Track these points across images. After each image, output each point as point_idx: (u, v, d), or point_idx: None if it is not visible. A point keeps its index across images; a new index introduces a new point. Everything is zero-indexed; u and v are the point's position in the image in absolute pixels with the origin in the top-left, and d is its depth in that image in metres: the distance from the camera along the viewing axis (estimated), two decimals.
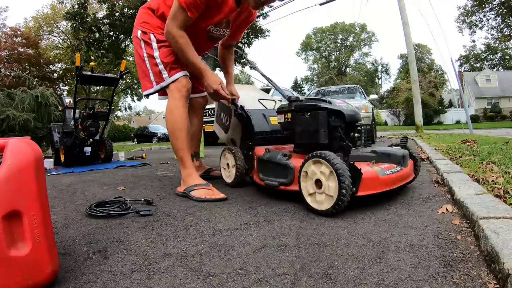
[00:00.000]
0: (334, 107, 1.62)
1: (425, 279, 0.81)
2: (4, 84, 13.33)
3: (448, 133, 8.51)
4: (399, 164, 1.59)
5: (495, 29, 30.03)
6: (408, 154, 1.74)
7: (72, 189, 2.22)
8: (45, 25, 24.43)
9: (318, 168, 1.38)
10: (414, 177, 1.76)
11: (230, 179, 2.05)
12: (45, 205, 0.85)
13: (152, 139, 19.75)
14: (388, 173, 1.45)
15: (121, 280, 0.88)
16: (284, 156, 1.65)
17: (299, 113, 1.73)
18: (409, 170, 1.65)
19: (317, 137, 1.60)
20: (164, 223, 1.36)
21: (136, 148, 7.85)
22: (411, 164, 1.72)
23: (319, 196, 1.37)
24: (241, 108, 2.06)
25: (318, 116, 1.60)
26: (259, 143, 1.98)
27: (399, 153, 1.63)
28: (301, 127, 1.70)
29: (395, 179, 1.47)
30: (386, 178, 1.42)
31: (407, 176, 1.61)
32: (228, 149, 2.06)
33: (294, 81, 47.68)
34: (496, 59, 35.78)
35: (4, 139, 0.83)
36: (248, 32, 13.69)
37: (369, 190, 1.36)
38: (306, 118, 1.67)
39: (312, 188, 1.41)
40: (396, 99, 29.94)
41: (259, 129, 2.04)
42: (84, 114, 3.58)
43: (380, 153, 1.65)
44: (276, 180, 1.63)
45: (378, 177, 1.40)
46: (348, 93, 7.32)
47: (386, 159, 1.62)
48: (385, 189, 1.42)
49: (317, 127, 1.59)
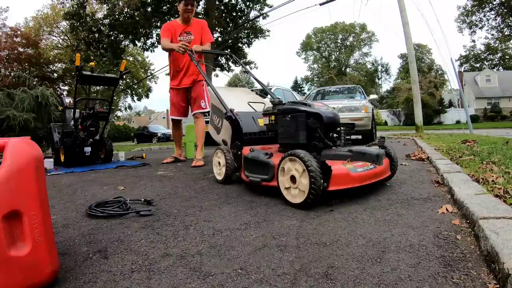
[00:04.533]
0: (312, 110, 1.77)
1: (425, 279, 0.81)
2: (4, 84, 13.31)
3: (448, 133, 8.50)
4: (373, 162, 1.68)
5: (495, 29, 30.09)
6: (384, 153, 1.83)
7: (72, 189, 2.22)
8: (45, 25, 24.43)
9: (293, 165, 1.51)
10: (390, 174, 1.85)
11: (221, 176, 2.19)
12: (45, 205, 0.85)
13: (152, 139, 19.74)
14: (360, 171, 1.56)
15: (121, 280, 0.88)
16: (266, 155, 1.80)
17: (281, 116, 1.89)
18: (384, 168, 1.75)
19: (296, 137, 1.77)
20: (164, 223, 1.36)
21: (136, 148, 7.85)
22: (386, 162, 1.82)
23: (293, 191, 1.51)
24: (230, 111, 2.23)
25: (297, 118, 1.77)
26: (247, 143, 2.12)
27: (374, 152, 1.73)
28: (282, 128, 1.88)
29: (367, 176, 1.58)
30: (357, 175, 1.53)
31: (381, 173, 1.70)
32: (219, 149, 2.24)
33: (294, 81, 47.67)
34: (496, 59, 35.75)
35: (4, 139, 0.83)
36: (248, 32, 13.70)
37: (340, 185, 1.48)
38: (287, 120, 1.84)
39: (288, 183, 1.55)
40: (396, 99, 29.94)
41: (248, 130, 2.19)
42: (84, 114, 3.58)
43: (355, 152, 1.75)
44: (259, 176, 1.78)
45: (349, 174, 1.51)
46: (348, 93, 7.31)
47: (361, 157, 1.72)
48: (357, 184, 1.52)
49: (297, 128, 1.76)
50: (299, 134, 1.75)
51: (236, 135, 2.19)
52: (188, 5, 3.26)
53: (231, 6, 13.09)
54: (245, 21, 13.13)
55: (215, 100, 2.54)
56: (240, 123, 2.16)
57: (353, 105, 5.51)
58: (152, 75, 27.88)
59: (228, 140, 2.36)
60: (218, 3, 12.41)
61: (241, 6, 13.33)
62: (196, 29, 3.35)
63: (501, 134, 6.82)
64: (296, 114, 1.78)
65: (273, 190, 1.67)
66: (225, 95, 2.42)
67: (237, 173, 2.13)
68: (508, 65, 34.11)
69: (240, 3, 13.25)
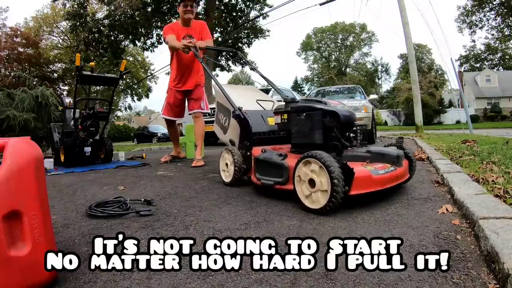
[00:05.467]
0: (329, 108, 1.65)
1: (425, 279, 0.81)
2: (4, 84, 13.31)
3: (448, 133, 8.50)
4: (394, 164, 1.60)
5: (495, 29, 30.06)
6: (403, 154, 1.75)
7: (72, 189, 2.22)
8: (45, 25, 24.42)
9: (308, 169, 1.41)
10: (409, 177, 1.77)
11: (229, 178, 2.08)
12: (45, 205, 0.85)
13: (152, 139, 19.74)
14: (382, 173, 1.47)
15: (121, 280, 0.88)
16: (280, 156, 1.68)
17: (295, 114, 1.77)
18: (404, 170, 1.66)
19: (312, 137, 1.64)
20: (164, 223, 1.36)
21: (136, 148, 7.84)
22: (406, 164, 1.73)
23: (315, 195, 1.39)
24: (238, 109, 2.11)
25: (313, 116, 1.64)
26: (256, 144, 2.01)
27: (393, 153, 1.64)
28: (296, 128, 1.75)
29: (389, 179, 1.49)
30: (379, 177, 1.44)
31: (401, 176, 1.62)
32: (227, 149, 2.12)
33: (294, 81, 47.63)
34: (496, 59, 35.73)
35: (4, 139, 0.83)
36: (248, 32, 13.70)
37: (362, 189, 1.38)
38: (302, 118, 1.71)
39: (307, 190, 1.43)
40: (396, 99, 29.91)
41: (257, 130, 2.07)
42: (84, 114, 3.58)
43: (374, 153, 1.66)
44: (272, 179, 1.66)
45: (371, 176, 1.41)
46: (348, 93, 7.30)
47: (381, 158, 1.63)
48: (379, 188, 1.43)
49: (312, 127, 1.64)
50: (315, 133, 1.63)
51: (245, 135, 2.08)
52: (188, 6, 3.27)
53: (231, 6, 13.09)
54: (245, 21, 13.12)
55: (221, 98, 2.41)
56: (250, 122, 2.05)
57: (353, 105, 5.50)
58: (152, 75, 27.88)
59: (236, 140, 2.24)
60: (218, 3, 12.41)
61: (241, 6, 13.33)
62: (197, 31, 3.40)
63: (501, 134, 6.82)
64: (312, 112, 1.65)
65: (289, 194, 1.55)
66: (231, 93, 2.30)
67: (246, 175, 2.05)
68: (508, 65, 34.09)
69: (240, 3, 13.25)
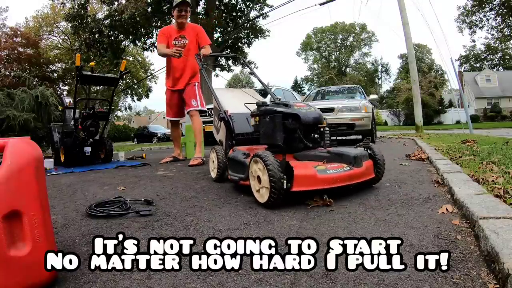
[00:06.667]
0: (290, 111, 1.78)
1: (425, 279, 0.81)
2: (4, 84, 13.32)
3: (448, 133, 8.50)
4: (350, 164, 1.66)
5: (495, 29, 30.04)
6: (366, 155, 1.78)
7: (72, 189, 2.22)
8: (45, 25, 24.42)
9: (257, 167, 1.55)
10: (373, 177, 1.79)
11: (214, 174, 2.30)
12: (45, 205, 0.85)
13: (152, 139, 19.74)
14: (331, 172, 1.54)
15: (121, 280, 0.88)
16: (244, 155, 1.85)
17: (262, 117, 1.94)
18: (363, 170, 1.68)
19: (274, 138, 1.80)
20: (164, 223, 1.36)
21: (136, 148, 7.84)
22: (369, 164, 1.75)
23: (262, 191, 1.53)
24: (224, 112, 2.29)
25: (274, 119, 1.80)
26: (239, 144, 2.18)
27: (351, 153, 1.70)
28: (263, 129, 1.92)
29: (339, 178, 1.55)
30: (325, 176, 1.51)
31: (357, 175, 1.65)
32: (213, 148, 2.32)
33: (294, 81, 47.62)
34: (496, 59, 35.73)
35: (4, 139, 0.83)
36: (248, 32, 13.70)
37: (305, 187, 1.49)
38: (266, 121, 1.88)
39: (257, 185, 1.58)
40: (396, 99, 29.91)
41: (240, 131, 2.25)
42: (84, 114, 3.58)
43: (333, 153, 1.75)
44: (237, 175, 1.82)
45: (316, 175, 1.50)
46: (348, 93, 7.30)
47: (338, 159, 1.70)
48: (325, 186, 1.50)
49: (274, 129, 1.79)
50: (276, 135, 1.78)
51: (229, 135, 2.27)
52: (182, 12, 3.38)
53: (231, 6, 13.08)
54: (245, 21, 13.11)
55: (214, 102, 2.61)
56: (232, 124, 2.22)
57: (353, 105, 5.50)
58: (152, 75, 27.87)
59: (223, 140, 2.44)
60: (218, 3, 12.41)
61: (241, 6, 13.32)
62: (191, 33, 3.47)
63: (501, 134, 6.82)
64: (274, 115, 1.81)
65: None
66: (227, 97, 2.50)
67: None
68: (508, 65, 34.09)
69: (240, 3, 13.24)
